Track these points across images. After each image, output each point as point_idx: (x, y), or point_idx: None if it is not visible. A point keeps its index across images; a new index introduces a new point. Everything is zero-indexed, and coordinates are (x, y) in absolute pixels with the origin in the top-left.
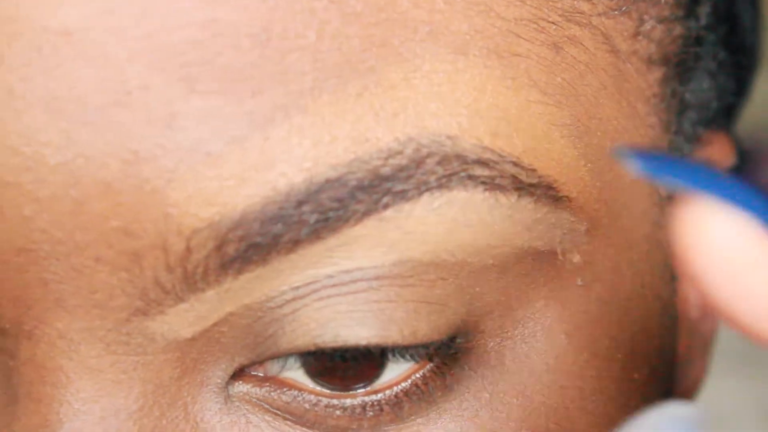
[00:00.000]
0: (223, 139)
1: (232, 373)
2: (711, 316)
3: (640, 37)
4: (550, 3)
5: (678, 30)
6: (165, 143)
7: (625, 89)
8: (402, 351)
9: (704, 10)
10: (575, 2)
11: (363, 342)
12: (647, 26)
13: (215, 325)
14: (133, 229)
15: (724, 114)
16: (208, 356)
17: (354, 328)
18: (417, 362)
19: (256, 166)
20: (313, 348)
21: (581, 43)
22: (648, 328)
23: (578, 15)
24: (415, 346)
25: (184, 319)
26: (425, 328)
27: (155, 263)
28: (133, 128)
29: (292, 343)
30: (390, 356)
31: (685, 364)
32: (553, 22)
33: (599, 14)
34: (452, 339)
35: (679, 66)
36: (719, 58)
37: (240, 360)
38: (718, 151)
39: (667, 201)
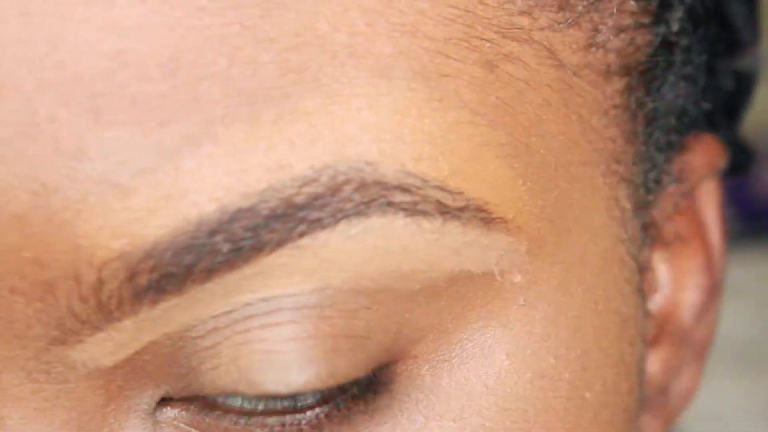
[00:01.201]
0: (131, 170)
1: (158, 399)
2: (707, 322)
3: (593, 49)
4: (484, 20)
5: (643, 38)
6: (73, 175)
7: (575, 103)
8: (322, 392)
9: (675, 15)
10: (513, 18)
11: (282, 390)
12: (602, 37)
13: (137, 353)
14: (44, 259)
15: (716, 115)
16: (133, 383)
17: (271, 373)
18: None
19: (166, 196)
20: (233, 393)
21: (520, 59)
22: (602, 346)
23: (516, 31)
24: (336, 386)
25: (104, 347)
26: (344, 366)
27: (69, 293)
28: (42, 160)
29: (214, 382)
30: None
31: (672, 376)
32: (487, 40)
33: (542, 29)
34: (373, 374)
35: (644, 74)
36: (697, 62)
37: (166, 388)
38: (702, 156)
39: (632, 214)
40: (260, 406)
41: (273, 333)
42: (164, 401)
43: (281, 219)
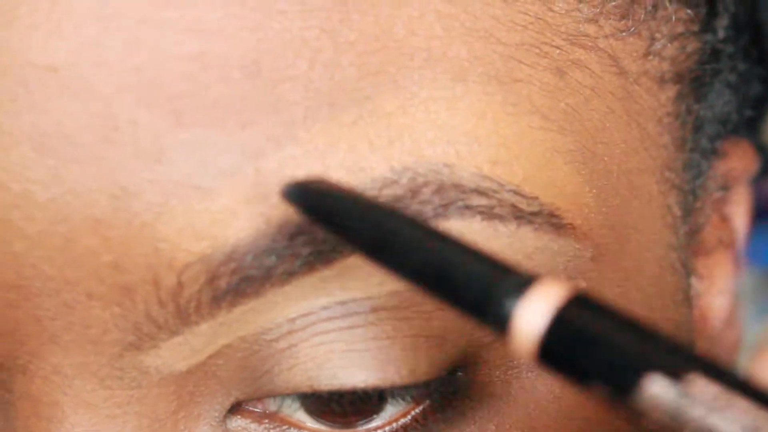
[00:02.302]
0: (212, 172)
1: (229, 407)
2: (735, 326)
3: (650, 57)
4: (554, 27)
5: (693, 46)
6: (154, 177)
7: (635, 111)
8: (401, 391)
9: (722, 23)
10: (580, 25)
11: (360, 384)
12: (658, 45)
13: (210, 357)
14: (123, 264)
15: (747, 121)
16: (204, 389)
17: (351, 369)
18: (417, 398)
19: (248, 198)
20: (309, 390)
21: (587, 67)
22: None
23: (583, 38)
24: (415, 385)
25: (178, 352)
26: (424, 365)
27: (147, 298)
28: (122, 163)
29: (288, 382)
30: (389, 395)
31: None
32: (556, 47)
33: (606, 36)
34: (452, 373)
35: (694, 82)
36: (740, 70)
37: (237, 394)
38: (738, 162)
39: (681, 221)
40: (335, 424)
41: (352, 334)
42: (235, 410)
43: None
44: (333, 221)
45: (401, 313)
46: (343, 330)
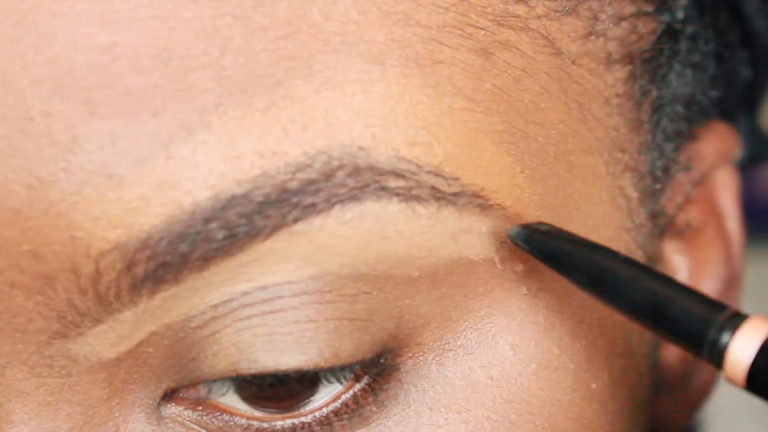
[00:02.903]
0: (125, 160)
1: (162, 395)
2: None
3: (593, 37)
4: (478, 9)
5: (645, 26)
6: (68, 167)
7: (574, 91)
8: (328, 373)
9: (680, 3)
10: (508, 6)
11: (282, 367)
12: (601, 25)
13: (139, 345)
14: (42, 252)
15: (732, 104)
16: (136, 376)
17: (272, 353)
18: (347, 381)
19: (160, 185)
20: (234, 374)
21: (516, 48)
22: (608, 335)
23: (512, 19)
24: (340, 368)
25: (105, 339)
26: (349, 347)
27: (68, 286)
28: (37, 154)
29: (213, 368)
30: (321, 377)
31: (692, 366)
32: (481, 28)
33: (538, 17)
34: (379, 356)
35: (649, 62)
36: (704, 50)
37: (168, 381)
38: (712, 145)
39: (639, 203)
40: (269, 410)
41: (274, 318)
42: (169, 397)
43: (275, 205)
44: (559, 261)
45: (323, 296)
46: (265, 315)
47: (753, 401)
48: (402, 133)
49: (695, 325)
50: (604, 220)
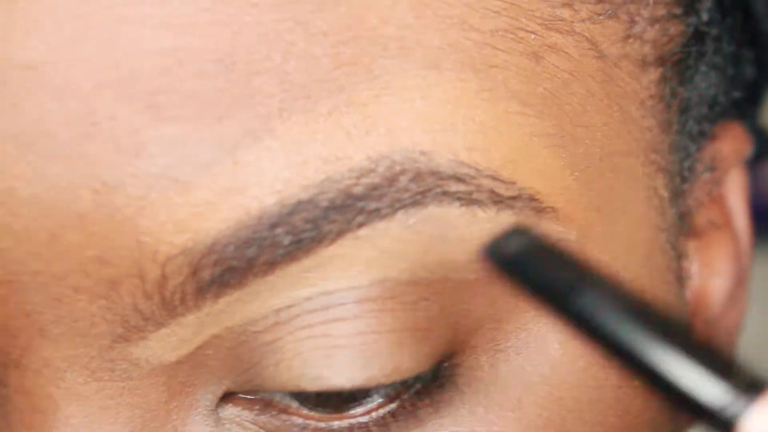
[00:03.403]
0: (191, 165)
1: (221, 396)
2: (736, 308)
3: (631, 40)
4: (528, 12)
5: (675, 28)
6: (134, 172)
7: (616, 94)
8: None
9: (705, 5)
10: (555, 10)
11: (347, 385)
12: (638, 28)
13: (200, 348)
14: (108, 257)
15: (741, 104)
16: (195, 379)
17: (335, 368)
18: (403, 388)
19: (227, 190)
20: (296, 389)
21: (564, 51)
22: None
23: (559, 23)
24: (400, 382)
25: (167, 343)
26: (409, 361)
27: (133, 290)
28: (102, 159)
29: (275, 379)
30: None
31: None
32: (531, 32)
33: (583, 20)
34: (437, 367)
35: (678, 65)
36: (726, 51)
37: (228, 384)
38: (729, 145)
39: (669, 203)
40: (327, 409)
41: (336, 328)
42: (227, 398)
43: (340, 210)
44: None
45: (386, 304)
46: (328, 323)
47: None
48: (461, 137)
49: (705, 393)
50: (644, 220)
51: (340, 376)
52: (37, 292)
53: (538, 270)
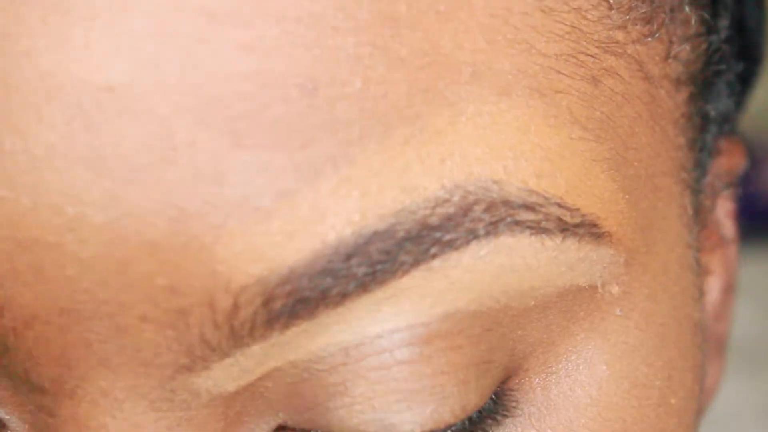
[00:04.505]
0: (271, 193)
1: (275, 427)
2: (725, 317)
3: (669, 60)
4: (588, 36)
5: (701, 47)
6: (213, 199)
7: (658, 114)
8: None
9: (724, 23)
10: (611, 32)
11: (417, 430)
12: (675, 48)
13: (260, 379)
14: (179, 287)
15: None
16: (252, 409)
17: (407, 414)
18: None
19: (305, 219)
20: None
21: (617, 74)
22: (683, 351)
23: (614, 45)
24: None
25: (229, 373)
26: (474, 397)
27: (202, 320)
28: (180, 185)
29: (343, 422)
30: None
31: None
32: (591, 55)
33: (633, 42)
34: (496, 396)
35: (702, 82)
36: (736, 68)
37: (284, 416)
38: (732, 158)
39: (694, 220)
40: None
41: (406, 370)
42: (282, 429)
43: (416, 240)
44: None
45: (454, 340)
46: (400, 364)
47: (753, 401)
48: (530, 165)
49: None
50: (678, 239)
51: (411, 422)
52: (101, 321)
53: None
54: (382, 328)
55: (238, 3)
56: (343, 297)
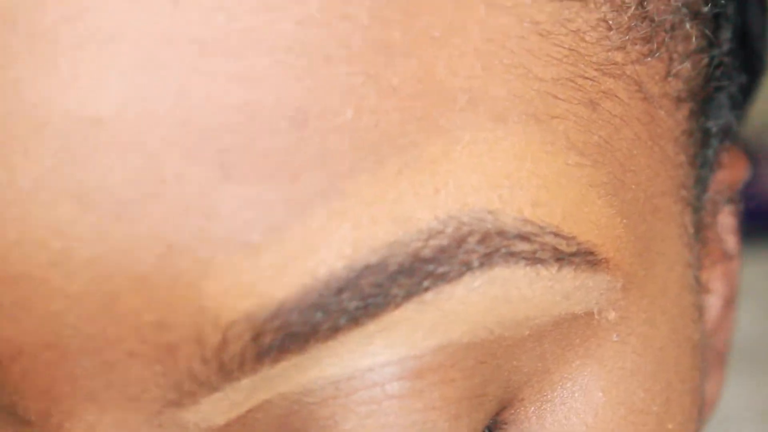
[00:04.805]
0: (261, 227)
1: None
2: (726, 328)
3: (669, 78)
4: (586, 58)
5: (703, 62)
6: (201, 234)
7: (657, 134)
8: None
9: (726, 36)
10: (609, 53)
11: None
12: (676, 65)
13: (250, 411)
14: (167, 322)
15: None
16: None
17: None
18: None
19: (295, 254)
20: None
21: (616, 96)
22: (681, 375)
23: (612, 66)
24: None
25: (218, 407)
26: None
27: (190, 355)
28: (168, 219)
29: None
30: None
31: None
32: (589, 78)
33: (632, 62)
34: (489, 429)
35: (703, 98)
36: (738, 81)
37: None
38: (734, 171)
39: (694, 238)
40: None
41: (399, 406)
42: None
43: (408, 273)
44: None
45: (446, 373)
46: (391, 399)
47: (753, 402)
48: (526, 193)
49: None
50: (677, 259)
51: None
52: (88, 356)
53: None
54: (373, 361)
55: (229, 33)
56: (334, 331)
